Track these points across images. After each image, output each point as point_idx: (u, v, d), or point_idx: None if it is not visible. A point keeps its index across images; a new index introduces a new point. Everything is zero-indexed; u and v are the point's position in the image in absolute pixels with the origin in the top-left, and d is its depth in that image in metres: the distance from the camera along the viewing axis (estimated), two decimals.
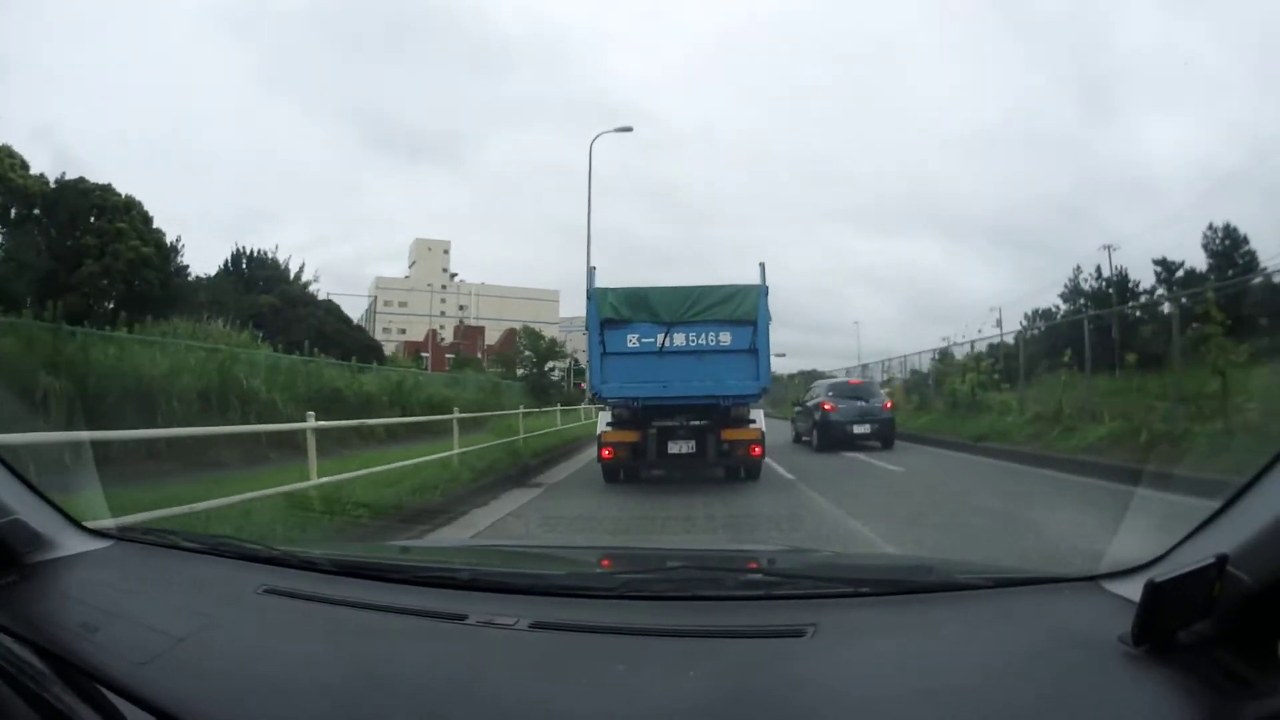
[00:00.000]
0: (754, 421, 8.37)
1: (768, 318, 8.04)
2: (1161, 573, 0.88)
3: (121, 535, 1.53)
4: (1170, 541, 1.04)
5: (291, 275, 33.53)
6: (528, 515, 6.62)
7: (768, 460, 8.86)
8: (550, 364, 35.65)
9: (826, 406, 13.85)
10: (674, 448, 8.10)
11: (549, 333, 40.06)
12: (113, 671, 0.96)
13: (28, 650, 1.00)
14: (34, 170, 25.32)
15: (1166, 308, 12.01)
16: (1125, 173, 64.61)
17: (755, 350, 7.91)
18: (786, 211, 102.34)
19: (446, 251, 68.48)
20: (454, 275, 67.14)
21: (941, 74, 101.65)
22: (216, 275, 30.56)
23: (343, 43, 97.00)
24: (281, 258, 34.25)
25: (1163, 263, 28.71)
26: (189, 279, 28.87)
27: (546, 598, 1.25)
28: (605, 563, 1.79)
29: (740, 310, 7.92)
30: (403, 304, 63.96)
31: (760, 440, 8.23)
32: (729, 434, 8.11)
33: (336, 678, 0.99)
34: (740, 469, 8.44)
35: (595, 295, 8.08)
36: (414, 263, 67.94)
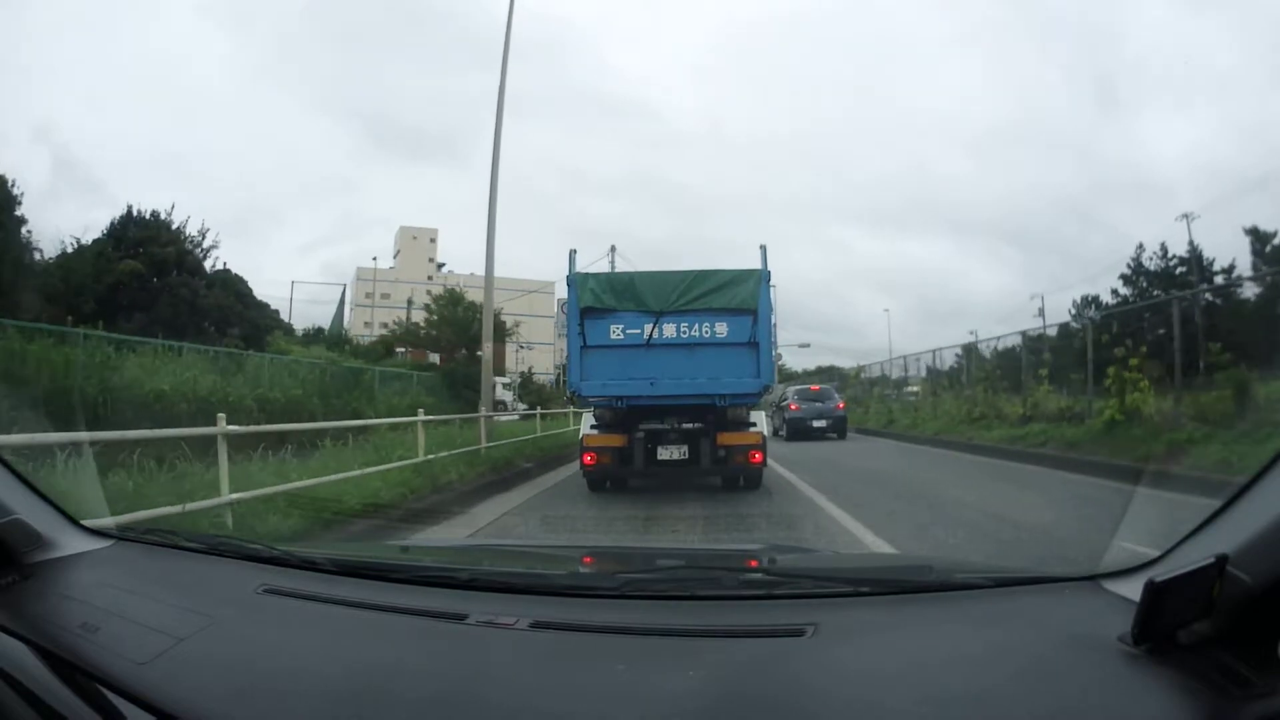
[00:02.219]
0: (754, 424, 7.56)
1: (770, 307, 7.27)
2: (1161, 573, 0.88)
3: (121, 535, 1.54)
4: (1171, 541, 1.04)
5: (195, 242, 24.18)
6: None
7: None
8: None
9: (792, 407, 17.97)
10: (664, 453, 7.33)
11: (540, 327, 33.44)
12: (113, 671, 0.96)
13: (28, 650, 1.00)
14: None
15: None
16: (1138, 172, 63.97)
17: (755, 343, 7.07)
18: (793, 210, 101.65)
19: (433, 240, 64.25)
20: (441, 265, 61.68)
21: (953, 71, 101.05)
22: (94, 241, 22.54)
23: (340, 37, 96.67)
24: (181, 219, 24.05)
25: (1254, 232, 23.66)
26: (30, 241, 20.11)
27: (547, 597, 1.26)
28: (605, 562, 1.79)
29: (739, 298, 7.09)
30: (385, 295, 58.81)
31: (761, 445, 7.37)
32: (726, 438, 7.30)
33: (337, 677, 0.99)
34: (739, 478, 7.60)
35: (575, 281, 7.34)
36: (398, 252, 63.77)
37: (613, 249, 23.94)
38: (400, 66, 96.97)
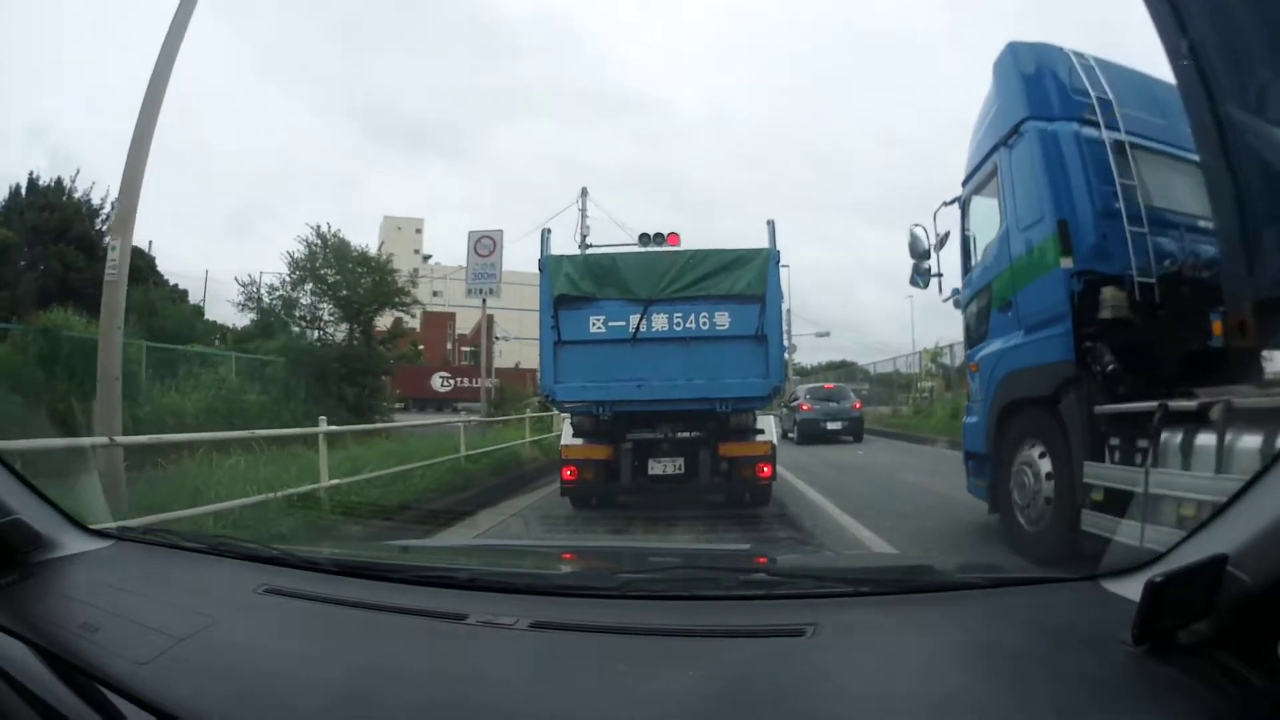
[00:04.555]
0: (761, 432, 6.37)
1: (779, 293, 6.19)
2: (1161, 572, 0.88)
3: (121, 535, 1.54)
4: (1171, 541, 1.04)
5: (93, 209, 20.31)
6: None
7: None
8: (386, 312, 16.29)
9: (804, 407, 16.37)
10: (655, 467, 6.22)
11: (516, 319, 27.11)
12: (113, 671, 0.96)
13: (28, 650, 1.00)
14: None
15: None
16: None
17: (763, 336, 6.02)
18: (798, 205, 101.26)
19: (418, 231, 60.83)
20: (427, 257, 57.47)
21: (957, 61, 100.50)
22: None
23: (342, 31, 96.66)
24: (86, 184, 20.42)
25: None
26: None
27: (547, 597, 1.26)
28: (605, 562, 1.79)
29: (743, 282, 6.02)
30: None
31: (770, 457, 6.26)
32: (728, 449, 6.20)
33: (337, 677, 0.99)
34: (745, 494, 6.44)
35: (548, 265, 6.23)
36: (382, 243, 62.40)
37: (584, 192, 19.98)
38: (399, 61, 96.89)
